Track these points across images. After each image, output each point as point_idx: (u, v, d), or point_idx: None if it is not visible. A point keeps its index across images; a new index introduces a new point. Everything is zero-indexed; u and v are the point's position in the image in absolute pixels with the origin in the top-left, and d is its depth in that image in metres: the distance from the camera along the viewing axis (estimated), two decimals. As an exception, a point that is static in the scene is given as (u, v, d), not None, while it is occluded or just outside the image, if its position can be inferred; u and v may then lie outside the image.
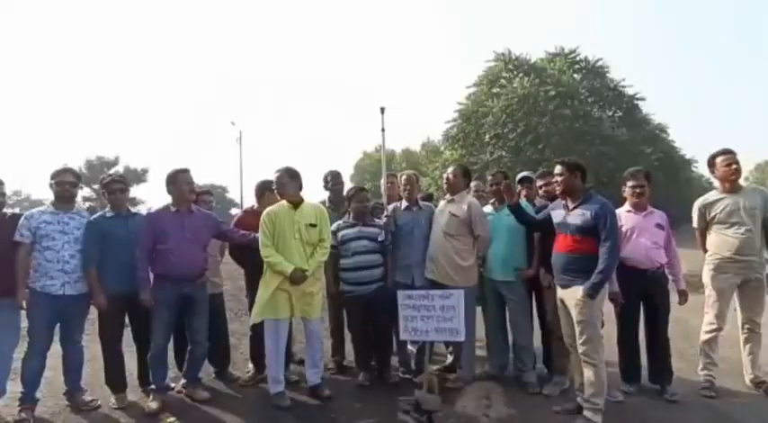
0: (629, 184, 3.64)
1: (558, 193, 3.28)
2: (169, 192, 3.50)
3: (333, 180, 4.45)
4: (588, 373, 3.01)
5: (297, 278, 3.35)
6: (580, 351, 3.04)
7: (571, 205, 3.16)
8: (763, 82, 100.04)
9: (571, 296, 3.06)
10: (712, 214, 3.64)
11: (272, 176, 3.72)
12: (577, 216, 3.08)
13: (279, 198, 3.56)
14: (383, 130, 4.02)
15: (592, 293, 2.94)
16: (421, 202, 3.98)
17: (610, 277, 3.07)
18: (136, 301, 3.33)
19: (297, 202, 3.52)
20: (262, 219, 3.47)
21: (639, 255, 3.49)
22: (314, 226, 3.50)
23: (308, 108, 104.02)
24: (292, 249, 3.42)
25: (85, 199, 28.78)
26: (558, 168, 3.22)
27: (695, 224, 3.81)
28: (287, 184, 3.51)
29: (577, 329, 3.04)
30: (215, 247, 4.08)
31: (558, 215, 3.25)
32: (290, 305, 3.44)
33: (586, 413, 3.00)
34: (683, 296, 3.62)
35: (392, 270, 3.83)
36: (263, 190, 3.94)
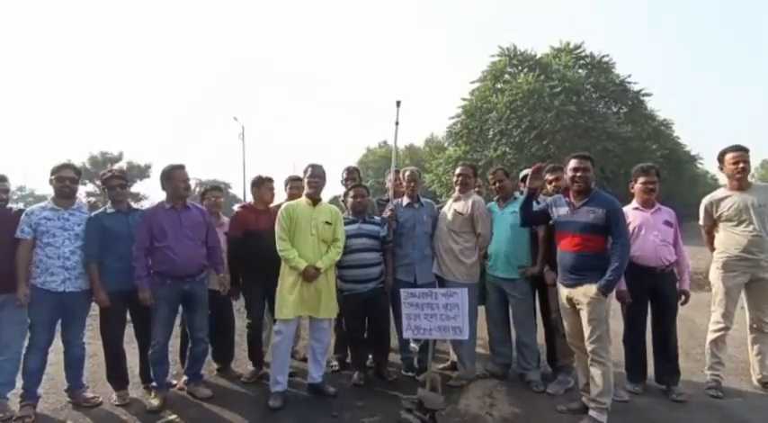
0: (641, 179, 3.55)
1: (578, 189, 3.07)
2: (164, 188, 3.48)
3: (348, 176, 4.45)
4: (596, 372, 2.97)
5: (310, 275, 3.35)
6: (589, 349, 2.99)
7: (578, 203, 3.07)
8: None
9: (582, 294, 3.00)
10: (720, 212, 3.58)
11: (299, 172, 3.76)
12: (587, 214, 3.00)
13: (308, 191, 3.57)
14: (397, 123, 4.00)
15: (606, 291, 2.91)
16: (422, 199, 3.95)
17: (622, 274, 3.00)
18: (137, 298, 3.31)
19: (317, 200, 3.55)
20: (280, 212, 3.49)
21: (648, 252, 3.42)
22: (329, 224, 3.52)
23: (311, 105, 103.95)
24: (308, 245, 3.42)
25: (89, 194, 28.84)
26: (584, 163, 3.05)
27: (701, 222, 3.74)
28: (322, 180, 3.59)
29: (588, 328, 2.99)
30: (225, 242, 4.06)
31: (561, 213, 3.16)
32: (302, 303, 3.41)
33: (592, 413, 2.97)
34: (684, 296, 3.54)
35: (392, 268, 3.80)
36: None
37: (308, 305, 3.43)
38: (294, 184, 4.14)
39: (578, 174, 3.05)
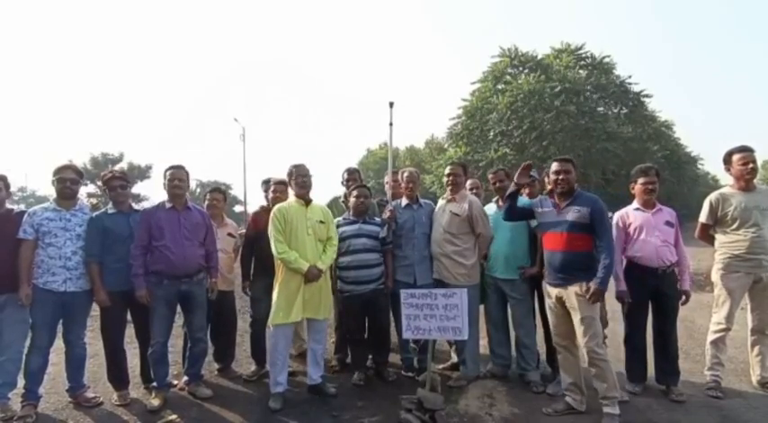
0: (641, 180, 3.55)
1: (561, 191, 3.14)
2: (165, 187, 3.51)
3: (349, 177, 4.46)
4: (597, 371, 3.02)
5: (313, 275, 3.36)
6: (587, 348, 3.03)
7: (563, 203, 3.13)
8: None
9: (573, 294, 3.05)
10: (725, 211, 3.56)
11: (284, 172, 3.70)
12: (573, 213, 3.07)
13: (298, 192, 3.55)
14: (391, 124, 3.99)
15: (603, 287, 2.96)
16: (421, 200, 3.95)
17: (612, 269, 3.05)
18: (137, 298, 3.32)
19: (308, 200, 3.55)
20: (273, 214, 3.47)
21: (649, 253, 3.42)
22: (323, 223, 3.54)
23: (312, 106, 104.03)
24: (306, 245, 3.42)
25: (90, 195, 28.84)
26: (565, 165, 3.13)
27: (703, 217, 3.70)
28: (310, 178, 3.58)
29: (581, 327, 3.03)
30: (229, 243, 4.08)
31: (547, 214, 3.21)
32: (305, 305, 3.40)
33: (606, 409, 3.01)
34: (685, 296, 3.53)
35: (392, 269, 3.80)
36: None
37: (310, 307, 3.44)
38: (278, 188, 3.94)
39: (560, 176, 3.13)
